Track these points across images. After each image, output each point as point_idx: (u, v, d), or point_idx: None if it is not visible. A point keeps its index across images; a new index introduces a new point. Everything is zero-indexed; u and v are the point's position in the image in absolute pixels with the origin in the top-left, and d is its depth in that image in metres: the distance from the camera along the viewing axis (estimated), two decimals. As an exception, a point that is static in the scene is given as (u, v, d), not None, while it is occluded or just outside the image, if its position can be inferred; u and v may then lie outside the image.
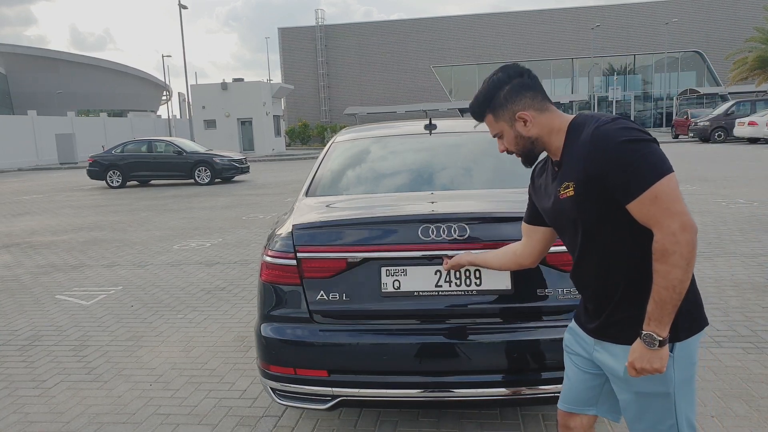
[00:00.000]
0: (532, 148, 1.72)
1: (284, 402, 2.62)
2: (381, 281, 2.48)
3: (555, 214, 1.74)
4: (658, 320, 1.49)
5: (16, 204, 14.55)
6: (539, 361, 2.45)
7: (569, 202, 1.62)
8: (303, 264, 2.54)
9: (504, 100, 1.68)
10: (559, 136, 1.67)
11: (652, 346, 1.50)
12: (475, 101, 1.75)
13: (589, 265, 1.68)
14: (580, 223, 1.63)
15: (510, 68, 1.71)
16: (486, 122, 1.77)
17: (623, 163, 1.46)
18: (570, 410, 1.91)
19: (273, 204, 12.37)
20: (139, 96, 67.89)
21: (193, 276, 6.41)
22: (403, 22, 53.44)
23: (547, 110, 1.68)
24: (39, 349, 4.38)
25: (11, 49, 57.68)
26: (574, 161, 1.58)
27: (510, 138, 1.73)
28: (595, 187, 1.53)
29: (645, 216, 1.47)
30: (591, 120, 1.58)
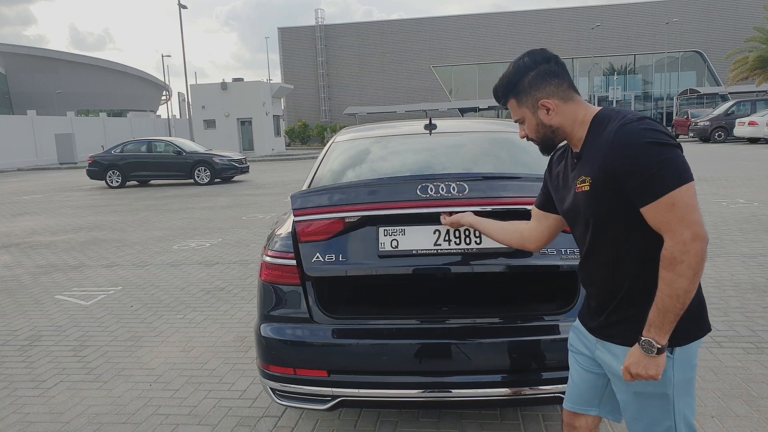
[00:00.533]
0: (552, 137, 1.69)
1: (284, 402, 2.62)
2: (378, 241, 2.44)
3: (568, 205, 1.72)
4: (658, 327, 1.48)
5: (15, 204, 14.54)
6: (539, 362, 2.45)
7: (584, 196, 1.60)
8: (298, 228, 2.50)
9: (528, 86, 1.65)
10: (581, 127, 1.64)
11: (650, 353, 1.50)
12: (500, 85, 1.71)
13: (596, 262, 1.67)
14: (591, 218, 1.61)
15: (537, 53, 1.67)
16: (509, 106, 1.74)
17: (645, 165, 1.43)
18: (574, 410, 1.90)
19: (273, 204, 12.36)
20: (139, 96, 67.88)
21: (192, 276, 6.40)
22: (402, 21, 53.45)
23: (572, 100, 1.65)
24: (39, 349, 4.38)
25: (11, 48, 57.64)
26: (595, 156, 1.56)
27: (531, 125, 1.70)
28: (612, 185, 1.51)
29: (659, 221, 1.45)
30: (617, 116, 1.55)
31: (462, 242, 2.43)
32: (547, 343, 2.46)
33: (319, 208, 2.51)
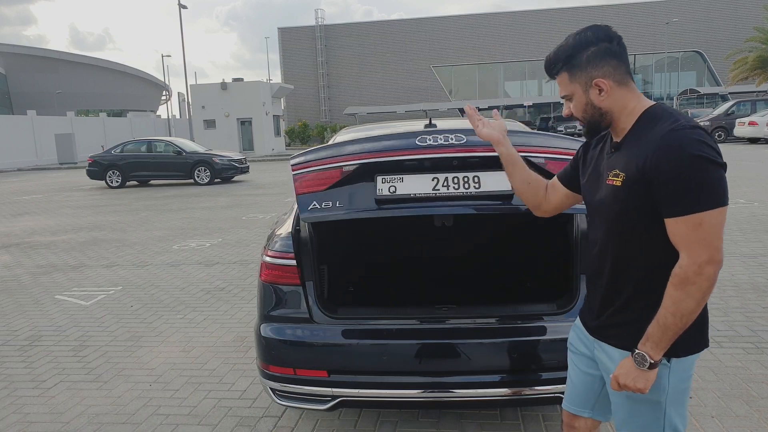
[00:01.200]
0: (600, 121, 1.61)
1: (284, 402, 2.62)
2: (376, 188, 2.40)
3: (594, 194, 1.67)
4: (655, 343, 1.46)
5: (15, 204, 14.54)
6: (539, 362, 2.45)
7: (613, 190, 1.55)
8: (296, 182, 2.45)
9: (586, 61, 1.56)
10: (629, 118, 1.57)
11: (642, 366, 1.48)
12: (555, 55, 1.62)
13: (606, 259, 1.63)
14: (613, 214, 1.57)
15: (600, 29, 1.57)
16: (558, 80, 1.64)
17: (684, 177, 1.38)
18: (572, 411, 1.90)
19: (273, 204, 12.36)
20: (139, 96, 67.87)
21: (192, 276, 6.40)
22: (402, 21, 53.46)
23: (626, 86, 1.57)
24: (39, 349, 4.38)
25: (11, 48, 57.61)
26: (635, 153, 1.49)
27: (580, 104, 1.61)
28: (645, 187, 1.46)
29: (681, 237, 1.42)
30: (669, 117, 1.49)
31: (461, 187, 2.38)
32: (547, 343, 2.46)
33: (316, 161, 2.46)
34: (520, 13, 51.42)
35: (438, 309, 2.63)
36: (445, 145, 2.36)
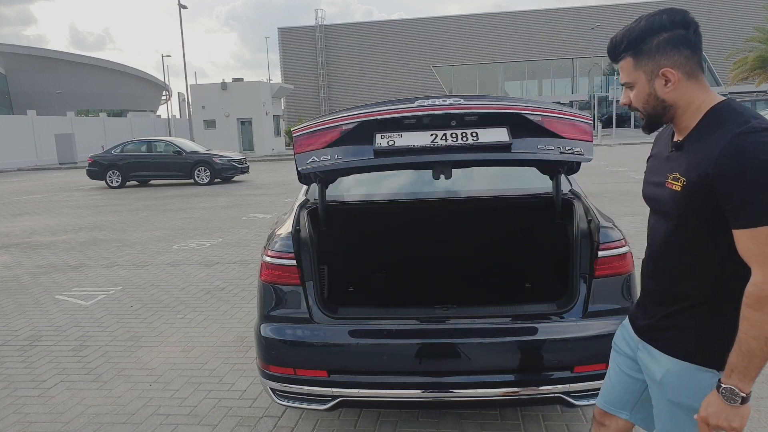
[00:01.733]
0: (661, 114, 1.47)
1: (284, 402, 2.62)
2: (375, 142, 2.39)
3: (653, 193, 1.57)
4: (742, 373, 1.30)
5: (15, 204, 14.54)
6: (539, 361, 2.45)
7: (671, 194, 1.44)
8: (295, 144, 2.44)
9: (656, 48, 1.41)
10: (694, 115, 1.43)
11: (733, 403, 1.32)
12: (622, 37, 1.47)
13: (666, 261, 1.52)
14: (672, 218, 1.46)
15: (677, 14, 1.41)
16: (621, 65, 1.50)
17: (755, 186, 1.26)
18: (605, 408, 1.81)
19: (273, 204, 12.36)
20: (139, 96, 67.85)
21: (192, 276, 6.40)
22: (402, 21, 53.49)
23: (696, 79, 1.42)
24: (39, 349, 4.38)
25: (11, 48, 57.60)
26: (698, 157, 1.37)
27: (642, 94, 1.47)
28: (707, 194, 1.34)
29: (750, 251, 1.29)
30: (738, 117, 1.34)
31: (459, 140, 2.38)
32: (546, 343, 2.46)
33: (317, 123, 2.46)
34: (520, 13, 51.43)
35: (438, 309, 2.63)
36: (444, 105, 2.36)
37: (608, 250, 2.52)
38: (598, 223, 2.60)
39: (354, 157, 2.37)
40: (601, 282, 2.50)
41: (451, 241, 3.69)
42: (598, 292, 2.48)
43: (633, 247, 2.65)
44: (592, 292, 2.49)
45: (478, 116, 2.35)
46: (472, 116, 2.36)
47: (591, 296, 2.49)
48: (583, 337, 2.43)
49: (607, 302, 2.50)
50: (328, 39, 52.73)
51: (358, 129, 2.38)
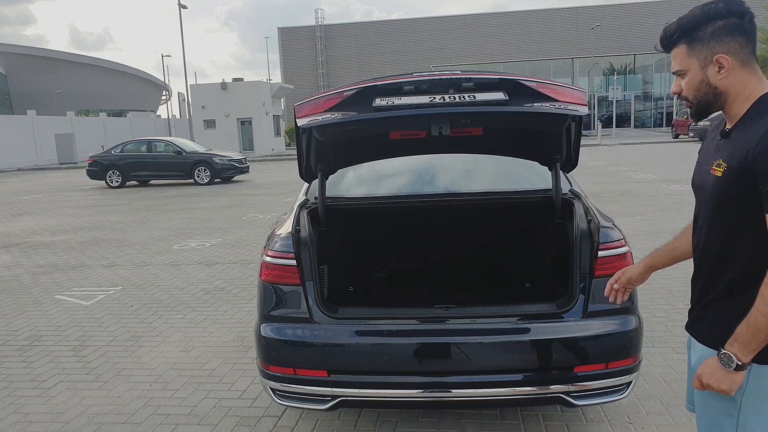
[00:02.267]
0: (712, 101, 1.50)
1: (284, 402, 2.62)
2: (374, 103, 2.42)
3: (699, 180, 1.60)
4: (743, 344, 1.38)
5: (15, 204, 14.54)
6: (539, 361, 2.45)
7: (714, 180, 1.47)
8: (297, 112, 2.47)
9: (710, 35, 1.44)
10: (743, 103, 1.45)
11: (728, 367, 1.40)
12: (676, 25, 1.50)
13: (705, 252, 1.56)
14: (712, 205, 1.50)
15: (733, 3, 1.43)
16: (674, 53, 1.52)
17: None
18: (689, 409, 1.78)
19: (273, 204, 12.36)
20: (139, 96, 67.85)
21: (192, 276, 6.40)
22: (402, 22, 53.47)
23: (750, 67, 1.45)
24: (39, 349, 4.38)
25: (11, 48, 57.61)
26: (740, 143, 1.40)
27: (694, 81, 1.49)
28: (747, 180, 1.37)
29: None
30: None
31: (457, 100, 2.41)
32: (547, 343, 2.46)
33: (318, 94, 2.51)
34: (520, 13, 51.42)
35: (438, 309, 2.63)
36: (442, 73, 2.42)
37: (608, 250, 2.52)
38: (598, 223, 2.60)
39: (353, 113, 2.41)
40: (601, 282, 2.49)
41: (451, 241, 3.69)
42: (598, 292, 2.48)
43: (633, 247, 2.65)
44: (592, 292, 2.49)
45: (475, 82, 2.39)
46: (470, 82, 2.40)
47: (591, 296, 2.49)
48: (583, 337, 2.43)
49: (607, 302, 2.49)
50: (328, 39, 52.71)
51: (358, 94, 2.42)
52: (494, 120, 2.67)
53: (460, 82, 2.38)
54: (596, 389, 2.46)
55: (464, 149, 3.36)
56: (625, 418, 2.99)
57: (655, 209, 9.30)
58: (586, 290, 2.50)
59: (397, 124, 2.63)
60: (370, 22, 55.29)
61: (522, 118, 2.59)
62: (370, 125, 2.58)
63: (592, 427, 2.93)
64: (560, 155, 3.06)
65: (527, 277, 3.55)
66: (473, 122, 2.64)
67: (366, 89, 2.41)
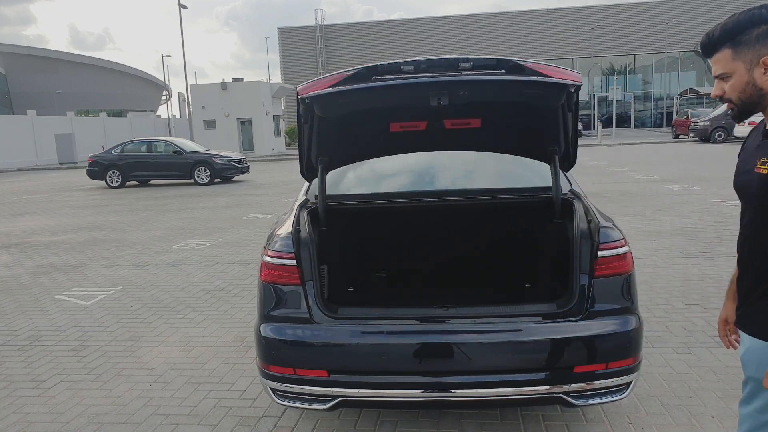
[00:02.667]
0: (756, 102, 1.56)
1: (284, 402, 2.62)
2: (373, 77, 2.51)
3: (743, 181, 1.66)
4: None
5: (15, 204, 14.54)
6: (539, 361, 2.45)
7: (759, 178, 1.54)
8: (299, 91, 2.57)
9: (755, 38, 1.50)
10: None
11: None
12: (721, 30, 1.55)
13: (750, 248, 1.63)
14: (757, 202, 1.57)
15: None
16: (717, 57, 1.58)
17: None
18: None
19: (273, 204, 12.36)
20: (139, 96, 67.85)
21: (192, 276, 6.40)
22: (402, 22, 53.49)
23: None
24: (39, 349, 4.38)
25: (11, 48, 57.62)
26: None
27: (739, 83, 1.56)
28: None
29: None
30: None
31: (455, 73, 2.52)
32: (546, 343, 2.46)
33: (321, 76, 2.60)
34: (520, 13, 51.44)
35: (438, 309, 2.63)
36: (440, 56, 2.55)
37: (608, 250, 2.52)
38: (598, 222, 2.60)
39: (354, 85, 2.51)
40: (602, 282, 2.50)
41: (451, 241, 3.69)
42: (598, 292, 2.48)
43: (633, 247, 2.65)
44: (592, 292, 2.49)
45: (473, 63, 2.49)
46: (468, 62, 2.49)
47: (591, 296, 2.49)
48: (583, 337, 2.43)
49: (607, 302, 2.50)
50: (328, 39, 52.72)
51: (359, 73, 2.52)
52: (492, 91, 2.73)
53: (458, 62, 2.48)
54: (596, 389, 2.46)
55: (463, 144, 3.37)
56: (625, 418, 2.99)
57: (655, 209, 9.30)
58: (586, 290, 2.50)
59: (397, 95, 2.68)
60: (370, 22, 55.31)
61: (519, 88, 2.66)
62: (370, 96, 2.65)
63: (592, 427, 2.93)
64: (558, 147, 3.06)
65: (527, 277, 3.55)
66: (471, 93, 2.68)
67: (367, 68, 2.52)
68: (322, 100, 2.65)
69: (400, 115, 3.01)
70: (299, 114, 2.81)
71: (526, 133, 3.17)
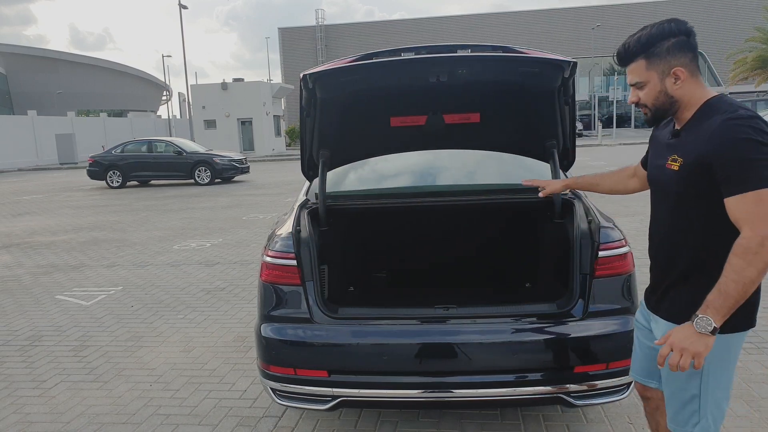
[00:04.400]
0: (668, 109, 1.70)
1: (284, 402, 2.62)
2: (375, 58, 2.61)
3: (654, 175, 1.82)
4: (716, 309, 1.53)
5: (16, 204, 14.55)
6: (539, 361, 2.45)
7: (671, 174, 1.68)
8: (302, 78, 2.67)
9: (666, 50, 1.64)
10: (691, 108, 1.68)
11: (704, 330, 1.54)
12: (635, 42, 1.68)
13: (664, 235, 1.77)
14: (672, 195, 1.71)
15: (682, 23, 1.67)
16: (632, 68, 1.71)
17: (743, 159, 1.50)
18: (638, 381, 2.04)
19: (273, 204, 12.36)
20: (139, 96, 67.84)
21: (193, 276, 6.41)
22: (403, 22, 53.51)
23: (697, 78, 1.68)
24: (39, 349, 4.38)
25: (11, 49, 57.64)
26: (693, 141, 1.62)
27: (653, 91, 1.69)
28: (704, 171, 1.58)
29: (741, 212, 1.52)
30: (727, 108, 1.60)
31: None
32: (547, 343, 2.46)
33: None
34: (520, 13, 51.45)
35: (438, 309, 2.63)
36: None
37: (608, 250, 2.52)
38: (599, 223, 2.60)
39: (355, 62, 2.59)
40: (602, 282, 2.50)
41: (452, 241, 3.69)
42: (598, 292, 2.48)
43: (633, 247, 2.65)
44: (592, 292, 2.49)
45: (471, 49, 2.57)
46: (466, 49, 2.57)
47: (591, 296, 2.49)
48: (584, 337, 2.43)
49: (607, 302, 2.50)
50: (328, 39, 52.76)
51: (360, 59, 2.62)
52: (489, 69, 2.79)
53: (456, 48, 2.56)
54: (597, 389, 2.46)
55: (462, 141, 3.37)
56: (626, 418, 2.99)
57: (655, 209, 9.28)
58: (586, 290, 2.50)
59: (398, 73, 2.75)
60: (370, 22, 55.32)
61: (515, 66, 2.74)
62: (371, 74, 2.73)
63: (593, 427, 2.93)
64: (557, 142, 3.07)
65: (527, 277, 3.55)
66: (470, 71, 2.74)
67: (368, 54, 2.61)
68: (325, 78, 2.72)
69: (400, 104, 3.04)
70: (302, 107, 2.84)
71: (524, 128, 3.18)
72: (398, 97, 2.99)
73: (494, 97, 3.02)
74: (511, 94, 2.97)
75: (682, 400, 1.73)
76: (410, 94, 2.96)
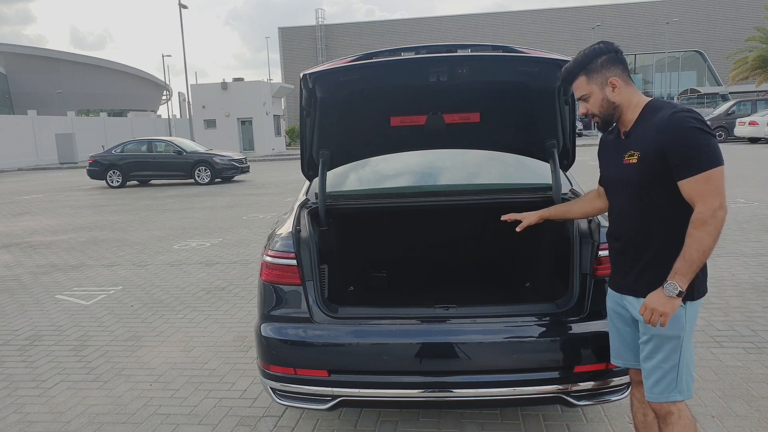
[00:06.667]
0: (612, 113, 2.00)
1: (284, 402, 2.62)
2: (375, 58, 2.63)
3: (613, 174, 2.08)
4: (683, 275, 1.82)
5: (16, 204, 14.55)
6: (539, 361, 2.45)
7: (631, 167, 1.95)
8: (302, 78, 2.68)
9: (601, 66, 1.97)
10: (634, 110, 1.98)
11: (671, 294, 1.83)
12: (574, 64, 2.02)
13: (630, 226, 2.02)
14: (634, 187, 1.96)
15: (609, 44, 2.01)
16: (576, 84, 2.03)
17: (691, 146, 1.79)
18: (623, 365, 2.25)
19: (273, 204, 12.36)
20: (139, 96, 67.84)
21: (193, 276, 6.41)
22: (403, 21, 53.49)
23: (630, 86, 1.99)
24: (39, 349, 4.38)
25: (11, 48, 57.64)
26: (646, 134, 1.90)
27: (597, 100, 2.00)
28: (660, 159, 1.85)
29: (694, 191, 1.80)
30: (669, 106, 1.90)
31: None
32: (547, 343, 2.46)
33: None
34: (520, 13, 51.44)
35: (438, 308, 2.63)
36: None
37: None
38: (599, 222, 2.60)
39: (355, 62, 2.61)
40: (602, 282, 2.49)
41: (452, 241, 3.68)
42: (598, 291, 2.48)
43: (633, 246, 2.65)
44: (592, 291, 2.49)
45: (471, 48, 2.62)
46: (466, 49, 2.61)
47: (591, 296, 2.49)
48: (584, 336, 2.43)
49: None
50: (328, 39, 52.75)
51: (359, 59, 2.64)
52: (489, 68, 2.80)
53: (456, 48, 2.60)
54: (596, 389, 2.46)
55: (462, 141, 3.37)
56: (625, 418, 2.99)
57: (655, 209, 9.29)
58: (586, 290, 2.50)
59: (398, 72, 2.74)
60: (371, 22, 55.32)
61: (515, 65, 2.75)
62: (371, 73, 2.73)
63: (593, 427, 2.93)
64: (557, 141, 3.07)
65: (527, 276, 3.55)
66: (470, 70, 2.73)
67: (368, 54, 2.65)
68: (325, 78, 2.73)
69: (399, 104, 3.03)
70: (302, 106, 2.84)
71: (524, 128, 3.18)
72: (398, 97, 2.98)
73: (494, 96, 3.01)
74: (511, 93, 2.96)
75: (664, 369, 1.97)
76: (410, 93, 2.95)
